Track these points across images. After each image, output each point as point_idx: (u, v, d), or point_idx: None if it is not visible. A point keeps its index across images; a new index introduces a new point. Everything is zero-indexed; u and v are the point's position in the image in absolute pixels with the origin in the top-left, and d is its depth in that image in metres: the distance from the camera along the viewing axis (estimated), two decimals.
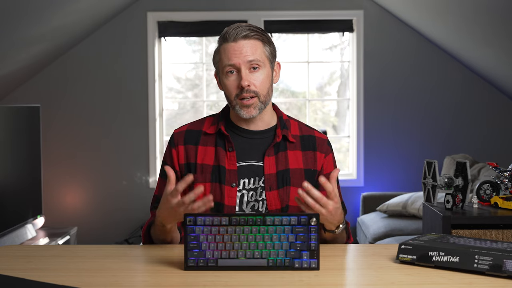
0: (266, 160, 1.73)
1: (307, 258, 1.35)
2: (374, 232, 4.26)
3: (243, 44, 1.69)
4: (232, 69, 1.70)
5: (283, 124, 1.79)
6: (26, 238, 3.96)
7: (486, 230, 2.30)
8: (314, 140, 1.79)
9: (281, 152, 1.75)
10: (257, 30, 1.72)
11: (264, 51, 1.72)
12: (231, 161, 1.73)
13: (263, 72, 1.71)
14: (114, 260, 1.48)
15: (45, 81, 4.99)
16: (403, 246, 1.41)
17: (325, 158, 1.78)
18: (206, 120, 1.82)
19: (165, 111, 5.19)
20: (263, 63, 1.71)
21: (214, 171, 1.72)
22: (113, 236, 4.98)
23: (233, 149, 1.73)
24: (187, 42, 5.34)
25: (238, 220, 1.37)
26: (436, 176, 2.36)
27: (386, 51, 5.03)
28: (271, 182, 1.71)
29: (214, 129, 1.77)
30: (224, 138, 1.75)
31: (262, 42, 1.72)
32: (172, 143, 1.79)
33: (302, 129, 1.82)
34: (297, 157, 1.76)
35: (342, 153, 5.32)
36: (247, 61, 1.68)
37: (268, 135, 1.77)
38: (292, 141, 1.77)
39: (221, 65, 1.72)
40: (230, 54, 1.69)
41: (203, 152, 1.75)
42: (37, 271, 1.38)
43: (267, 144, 1.75)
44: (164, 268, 1.39)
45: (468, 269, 1.32)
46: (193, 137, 1.78)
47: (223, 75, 1.72)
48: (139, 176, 5.05)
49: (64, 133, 5.03)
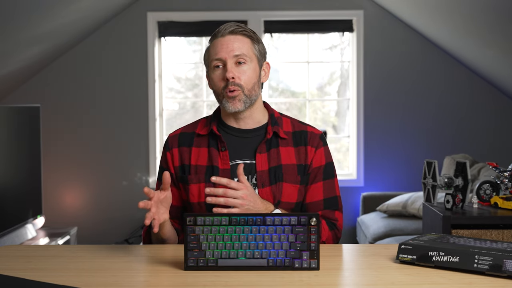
0: (258, 157, 1.74)
1: (307, 258, 1.35)
2: (374, 232, 4.25)
3: (230, 39, 1.72)
4: (219, 63, 1.72)
5: (274, 121, 1.80)
6: (26, 238, 3.96)
7: (486, 230, 2.30)
8: (306, 134, 1.80)
9: (273, 149, 1.76)
10: (245, 28, 1.75)
11: (251, 48, 1.74)
12: (224, 160, 1.74)
13: (249, 67, 1.73)
14: (114, 260, 1.48)
15: (45, 81, 4.99)
16: (403, 246, 1.41)
17: (315, 152, 1.78)
18: (200, 122, 1.84)
19: (165, 111, 5.19)
20: (249, 59, 1.73)
21: (208, 172, 1.74)
22: (113, 236, 4.98)
23: (226, 149, 1.75)
24: (187, 42, 5.34)
25: (238, 220, 1.37)
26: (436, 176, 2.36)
27: (386, 51, 5.03)
28: (263, 179, 1.72)
29: (206, 130, 1.79)
30: (216, 138, 1.77)
31: (251, 40, 1.75)
32: (166, 146, 1.82)
33: (295, 126, 1.82)
34: (289, 153, 1.77)
35: (342, 153, 5.32)
36: (233, 55, 1.71)
37: (260, 133, 1.79)
38: (284, 138, 1.78)
39: (209, 61, 1.75)
40: (217, 48, 1.72)
41: (197, 153, 1.77)
42: (37, 271, 1.38)
43: (258, 142, 1.77)
44: (164, 268, 1.39)
45: (468, 269, 1.32)
46: (186, 140, 1.80)
47: (210, 70, 1.75)
48: (139, 176, 5.05)
49: (64, 133, 5.03)
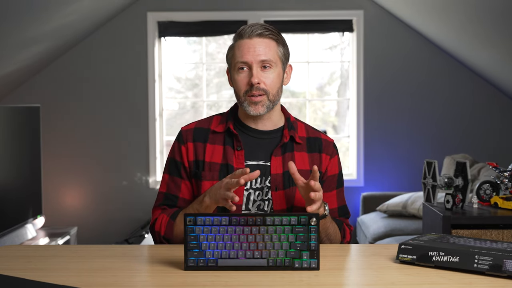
0: (273, 160, 1.74)
1: (307, 258, 1.35)
2: (374, 232, 4.25)
3: (257, 42, 1.70)
4: (244, 66, 1.70)
5: (290, 125, 1.80)
6: (26, 238, 3.96)
7: (486, 230, 2.30)
8: (321, 142, 1.81)
9: (288, 153, 1.76)
10: (272, 30, 1.73)
11: (277, 52, 1.73)
12: (239, 160, 1.73)
13: (274, 71, 1.73)
14: (114, 260, 1.48)
15: (45, 81, 4.99)
16: (403, 246, 1.41)
17: (330, 160, 1.80)
18: (214, 118, 1.83)
19: (165, 111, 5.19)
20: (275, 63, 1.72)
21: (222, 169, 1.73)
22: (113, 236, 4.98)
23: (242, 148, 1.74)
24: (187, 42, 5.34)
25: (238, 220, 1.37)
26: (436, 176, 2.36)
27: (386, 51, 5.03)
28: (277, 182, 1.72)
29: (222, 127, 1.77)
30: (233, 136, 1.76)
31: (276, 43, 1.73)
32: (181, 139, 1.79)
33: (309, 132, 1.83)
34: (303, 159, 1.77)
35: (342, 153, 5.32)
36: (259, 60, 1.70)
37: (276, 135, 1.78)
38: (299, 143, 1.78)
39: (233, 61, 1.73)
40: (243, 50, 1.70)
41: (211, 150, 1.76)
42: (37, 271, 1.38)
43: (274, 144, 1.76)
44: (164, 268, 1.39)
45: (468, 269, 1.32)
46: (201, 135, 1.78)
47: (235, 71, 1.73)
48: (139, 176, 5.05)
49: (64, 133, 5.03)
